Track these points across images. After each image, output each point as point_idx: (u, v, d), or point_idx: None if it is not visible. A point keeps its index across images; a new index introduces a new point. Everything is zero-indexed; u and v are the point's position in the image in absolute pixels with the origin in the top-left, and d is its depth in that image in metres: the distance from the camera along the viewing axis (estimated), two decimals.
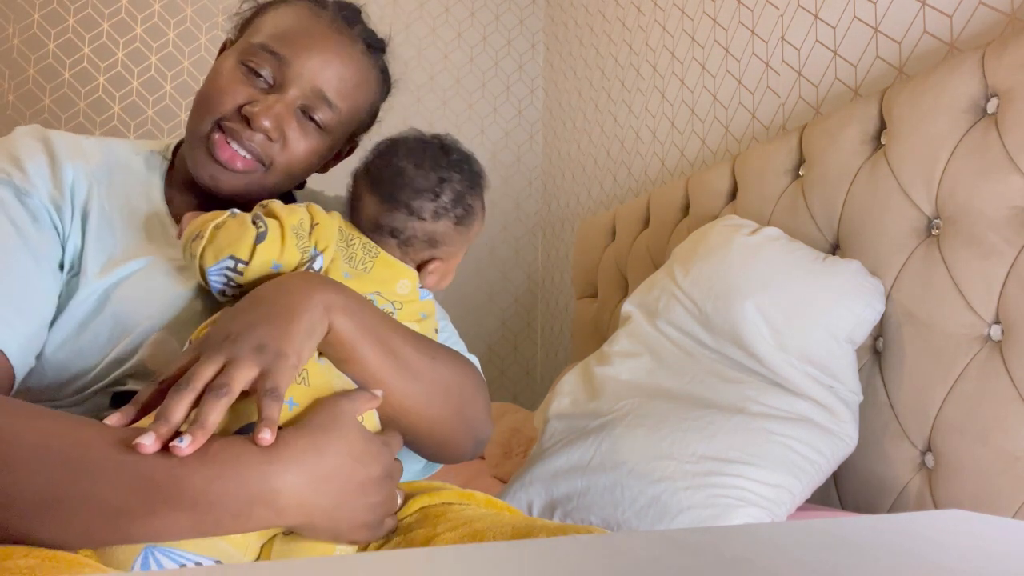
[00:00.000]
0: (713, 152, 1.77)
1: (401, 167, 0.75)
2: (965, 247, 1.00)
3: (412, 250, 0.77)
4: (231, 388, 0.56)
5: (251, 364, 0.58)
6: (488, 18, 2.82)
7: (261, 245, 0.68)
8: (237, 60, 0.79)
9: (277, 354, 0.59)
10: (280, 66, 0.77)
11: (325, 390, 0.63)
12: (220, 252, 0.68)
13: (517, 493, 1.11)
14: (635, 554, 0.30)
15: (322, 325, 0.64)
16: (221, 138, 0.76)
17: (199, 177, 0.78)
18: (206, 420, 0.54)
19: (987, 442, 0.95)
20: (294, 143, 0.79)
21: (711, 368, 1.14)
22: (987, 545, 0.34)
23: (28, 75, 2.34)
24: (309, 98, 0.79)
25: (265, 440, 0.54)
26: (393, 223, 0.75)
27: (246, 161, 0.77)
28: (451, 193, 0.76)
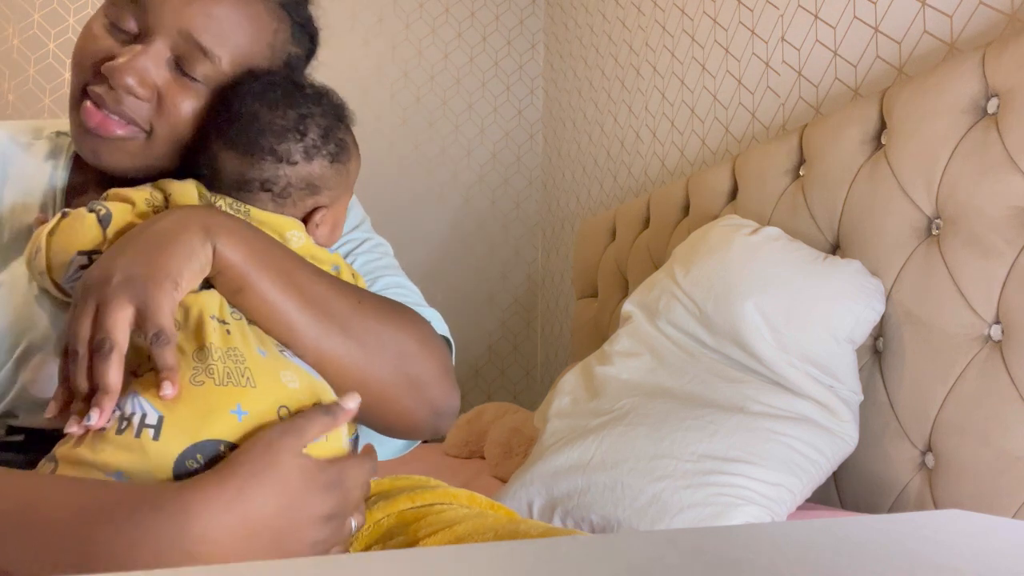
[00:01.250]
0: (713, 152, 1.77)
1: (254, 111, 0.65)
2: (965, 247, 1.00)
3: (290, 202, 0.67)
4: (112, 340, 0.50)
5: (123, 301, 0.51)
6: (488, 18, 2.82)
7: (112, 224, 0.60)
8: (100, 14, 0.67)
9: (148, 282, 0.52)
10: (140, 13, 0.65)
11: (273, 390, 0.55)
12: (65, 255, 0.60)
13: (517, 492, 1.11)
14: (635, 554, 0.30)
15: (204, 248, 0.56)
16: (89, 105, 0.65)
17: (82, 155, 0.67)
18: (107, 384, 0.50)
19: (987, 442, 0.95)
20: (172, 101, 0.65)
21: (711, 368, 1.14)
22: (987, 545, 0.34)
23: (28, 75, 2.34)
24: (179, 46, 0.65)
25: (167, 394, 0.50)
26: (262, 174, 0.65)
27: (123, 127, 0.65)
28: (317, 129, 0.67)
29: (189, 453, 0.51)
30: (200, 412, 0.52)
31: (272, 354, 0.58)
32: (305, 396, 0.56)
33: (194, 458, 0.51)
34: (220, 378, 0.54)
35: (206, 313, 0.57)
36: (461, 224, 2.70)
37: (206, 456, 0.51)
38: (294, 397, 0.56)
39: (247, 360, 0.55)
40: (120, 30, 0.66)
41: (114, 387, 0.50)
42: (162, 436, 0.51)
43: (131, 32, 0.66)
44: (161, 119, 0.66)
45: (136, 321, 0.52)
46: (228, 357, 0.55)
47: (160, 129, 0.66)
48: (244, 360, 0.55)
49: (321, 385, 0.59)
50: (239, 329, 0.58)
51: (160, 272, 0.53)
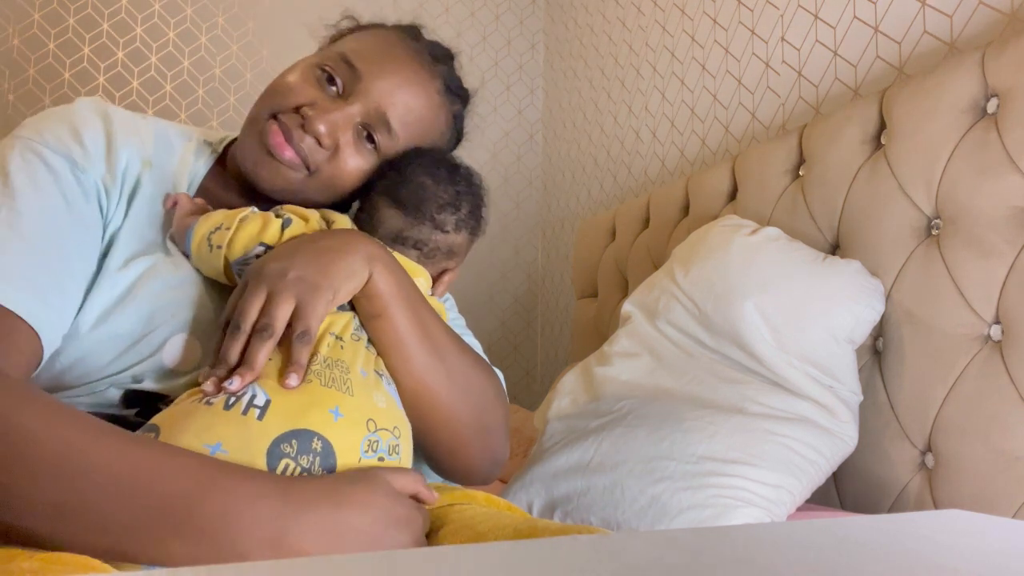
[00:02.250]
0: (713, 152, 1.77)
1: (422, 182, 0.77)
2: (965, 247, 1.00)
3: (431, 262, 0.78)
4: (274, 329, 0.59)
5: (289, 296, 0.60)
6: (488, 18, 2.82)
7: (288, 229, 0.70)
8: (314, 62, 0.77)
9: (313, 287, 0.61)
10: (352, 79, 0.76)
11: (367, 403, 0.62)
12: (250, 241, 0.69)
13: (517, 493, 1.11)
14: (635, 554, 0.30)
15: (363, 272, 0.65)
16: (275, 126, 0.74)
17: (243, 163, 0.76)
18: (254, 362, 0.58)
19: (987, 442, 0.95)
20: (345, 157, 0.76)
21: (711, 368, 1.14)
22: (987, 545, 0.34)
23: (28, 75, 2.34)
24: (371, 117, 0.76)
25: (290, 384, 0.57)
26: (418, 235, 0.76)
27: (293, 155, 0.74)
28: (468, 206, 0.79)
29: (286, 438, 0.56)
30: (304, 404, 0.58)
31: (372, 377, 0.65)
32: (390, 418, 0.64)
33: (289, 443, 0.56)
34: (325, 381, 0.60)
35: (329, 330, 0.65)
36: None
37: (300, 443, 0.56)
38: (381, 416, 0.63)
39: (350, 374, 0.63)
40: (329, 83, 0.76)
41: (260, 366, 0.58)
42: (266, 417, 0.56)
43: (337, 89, 0.76)
44: (329, 166, 0.76)
45: (292, 317, 0.60)
46: (335, 367, 0.62)
47: (323, 174, 0.76)
48: (348, 372, 0.63)
49: (401, 415, 0.67)
50: (352, 349, 0.65)
51: (325, 281, 0.62)
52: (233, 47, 2.50)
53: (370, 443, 0.60)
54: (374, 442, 0.61)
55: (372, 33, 0.81)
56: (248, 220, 0.70)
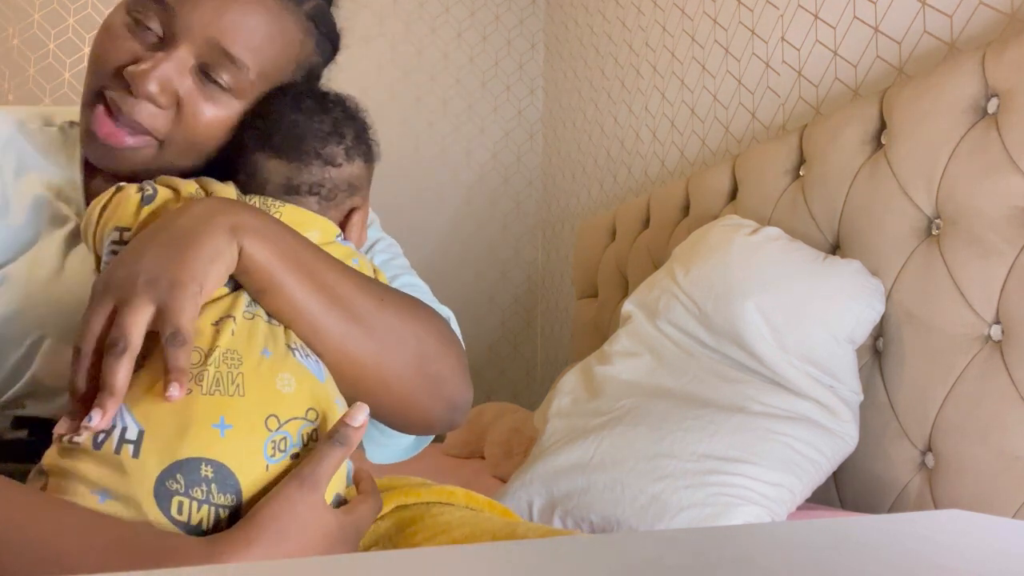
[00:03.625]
0: (713, 152, 1.77)
1: (293, 120, 0.67)
2: (965, 247, 1.00)
3: (335, 204, 0.69)
4: (127, 339, 0.48)
5: (144, 302, 0.50)
6: (488, 18, 2.82)
7: (149, 206, 0.60)
8: (124, 11, 0.64)
9: (172, 284, 0.50)
10: (168, 16, 0.63)
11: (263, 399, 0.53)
12: (105, 227, 0.59)
13: (517, 492, 1.11)
14: (635, 554, 0.30)
15: (230, 249, 0.54)
16: (100, 111, 0.63)
17: (90, 158, 0.66)
18: (112, 384, 0.48)
19: (987, 442, 0.95)
20: (192, 109, 0.64)
21: (711, 368, 1.14)
22: (987, 545, 0.34)
23: (28, 75, 2.34)
24: (205, 54, 0.63)
25: (173, 396, 0.47)
26: (311, 178, 0.67)
27: (135, 137, 0.64)
28: (351, 131, 0.69)
29: (169, 472, 0.48)
30: (179, 427, 0.49)
31: (278, 354, 0.56)
32: (300, 401, 0.54)
33: (174, 478, 0.48)
34: (208, 386, 0.51)
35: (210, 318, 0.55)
36: (461, 224, 2.70)
37: (186, 476, 0.48)
38: (286, 403, 0.53)
39: (244, 364, 0.53)
40: (144, 28, 0.63)
41: (120, 389, 0.48)
42: (142, 453, 0.48)
43: (155, 33, 0.63)
44: (179, 127, 0.65)
45: (154, 321, 0.50)
46: (223, 360, 0.53)
47: (176, 136, 0.65)
48: (240, 364, 0.53)
49: (322, 388, 0.57)
50: (246, 328, 0.56)
51: (185, 273, 0.51)
52: None
53: (275, 444, 0.52)
54: (280, 440, 0.52)
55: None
56: (108, 205, 0.61)
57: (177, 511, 0.48)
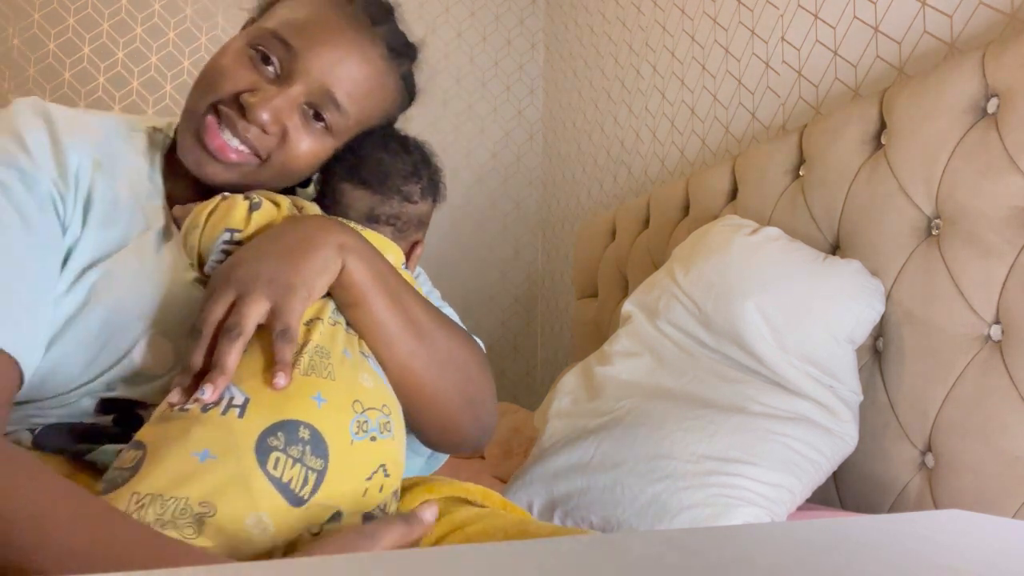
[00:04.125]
0: (713, 152, 1.77)
1: (379, 157, 0.76)
2: (965, 247, 1.00)
3: (403, 236, 0.78)
4: (243, 327, 0.56)
5: (261, 298, 0.58)
6: (488, 18, 2.82)
7: (257, 212, 0.68)
8: (246, 42, 0.72)
9: (288, 287, 0.59)
10: (289, 57, 0.71)
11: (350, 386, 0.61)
12: (214, 231, 0.67)
13: (517, 493, 1.11)
14: (635, 554, 0.30)
15: (335, 264, 0.63)
16: (213, 122, 0.70)
17: (185, 161, 0.72)
18: (224, 364, 0.55)
19: (987, 442, 0.95)
20: (295, 141, 0.72)
21: (711, 368, 1.14)
22: (987, 545, 0.34)
23: (28, 75, 2.34)
24: (315, 96, 0.72)
25: (279, 384, 0.55)
26: (390, 210, 0.76)
27: (239, 153, 0.71)
28: (427, 173, 0.79)
29: (271, 431, 0.55)
30: (283, 395, 0.56)
31: (356, 358, 0.64)
32: (377, 396, 0.63)
33: (275, 436, 0.54)
34: (304, 368, 0.59)
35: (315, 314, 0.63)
36: (461, 224, 2.70)
37: (287, 435, 0.55)
38: (367, 395, 0.61)
39: (331, 358, 0.61)
40: (265, 62, 0.71)
41: (231, 369, 0.55)
42: (247, 415, 0.55)
43: (274, 68, 0.71)
44: (280, 152, 0.72)
45: (268, 318, 0.58)
46: (315, 352, 0.60)
47: (275, 159, 0.73)
48: (328, 357, 0.61)
49: (389, 393, 0.66)
50: (330, 332, 0.63)
51: (298, 279, 0.60)
52: None
53: (359, 424, 0.59)
54: (363, 423, 0.60)
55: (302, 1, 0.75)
56: (215, 211, 0.68)
57: (273, 466, 0.54)
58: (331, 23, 0.73)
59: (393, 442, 0.62)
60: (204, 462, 0.53)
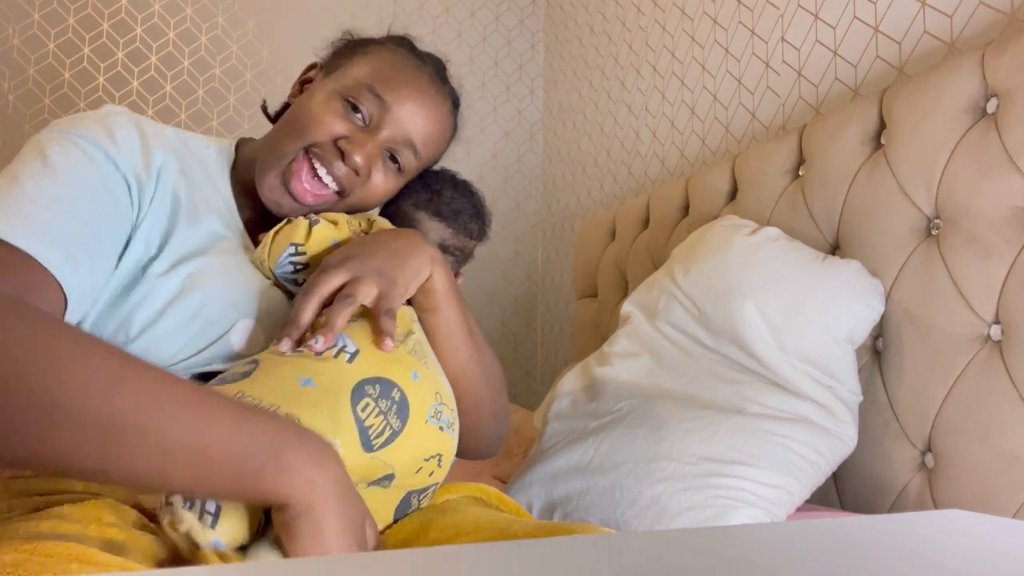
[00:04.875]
0: (713, 152, 1.77)
1: (452, 196, 0.89)
2: (965, 247, 1.00)
3: (456, 265, 0.90)
4: (355, 298, 0.66)
5: (372, 283, 0.68)
6: (488, 18, 2.82)
7: (316, 227, 0.77)
8: (338, 93, 0.82)
9: (392, 281, 0.70)
10: (380, 109, 0.81)
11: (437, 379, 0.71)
12: (280, 247, 0.76)
13: (517, 494, 1.11)
14: (635, 554, 0.30)
15: (426, 271, 0.74)
16: (301, 166, 0.79)
17: (264, 197, 0.80)
18: (334, 322, 0.64)
19: (987, 442, 0.95)
20: (376, 181, 0.83)
21: (711, 368, 1.14)
22: (987, 545, 0.34)
23: (28, 75, 2.34)
24: (398, 143, 0.83)
25: (387, 347, 0.65)
26: (457, 243, 0.88)
27: (318, 197, 0.80)
28: (484, 216, 0.92)
29: (370, 381, 0.63)
30: (389, 359, 0.65)
31: (437, 363, 0.74)
32: (449, 397, 0.72)
33: (373, 386, 0.63)
34: (410, 349, 0.69)
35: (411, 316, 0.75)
36: None
37: (382, 389, 0.63)
38: (445, 392, 0.71)
39: (427, 355, 0.72)
40: (356, 111, 0.81)
41: (339, 327, 0.64)
42: (355, 362, 0.63)
43: (364, 117, 0.81)
44: (361, 189, 0.83)
45: (375, 301, 0.68)
46: (417, 343, 0.71)
47: (355, 195, 0.83)
48: (426, 353, 0.72)
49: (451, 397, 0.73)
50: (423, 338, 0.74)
51: (402, 277, 0.71)
52: (233, 47, 2.50)
53: (436, 411, 0.67)
54: (438, 412, 0.68)
55: (385, 55, 0.86)
56: (281, 231, 0.77)
57: (362, 409, 0.61)
58: (416, 81, 0.85)
59: (452, 439, 0.70)
60: (304, 387, 0.60)
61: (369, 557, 0.32)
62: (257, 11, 2.53)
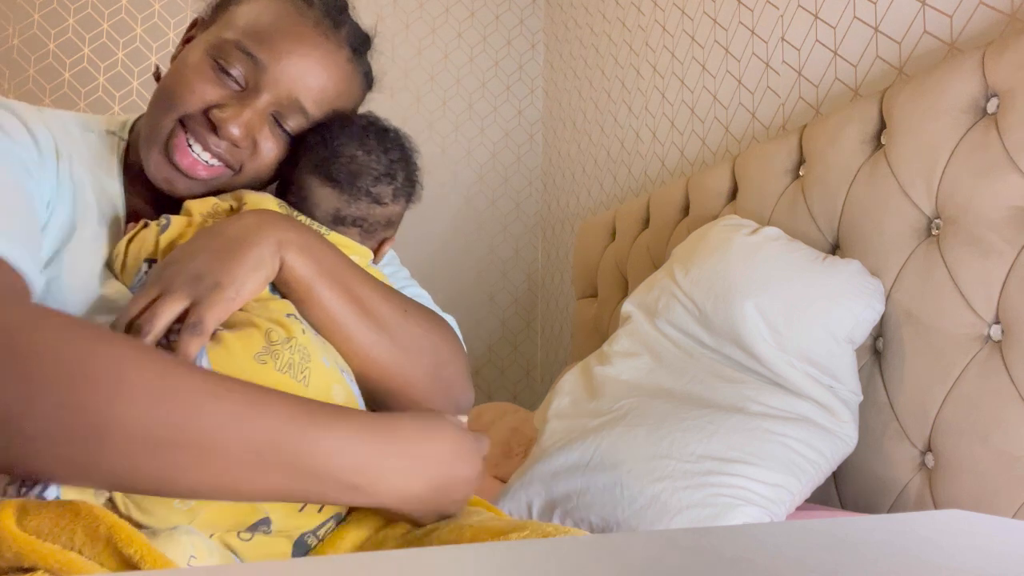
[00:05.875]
0: (713, 152, 1.77)
1: (352, 154, 0.72)
2: (965, 247, 1.00)
3: (372, 235, 0.75)
4: (153, 325, 0.55)
5: (182, 295, 0.57)
6: (488, 18, 2.82)
7: (165, 235, 0.66)
8: (207, 53, 0.71)
9: (214, 285, 0.58)
10: (255, 69, 0.70)
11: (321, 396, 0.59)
12: (135, 263, 0.66)
13: (517, 493, 1.11)
14: (635, 554, 0.30)
15: (273, 260, 0.62)
16: (182, 140, 0.70)
17: (153, 178, 0.71)
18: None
19: (987, 442, 0.95)
20: (265, 151, 0.72)
21: (711, 368, 1.14)
22: (987, 545, 0.34)
23: (28, 75, 2.34)
24: (283, 106, 0.72)
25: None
26: (357, 212, 0.73)
27: (211, 168, 0.71)
28: (403, 172, 0.75)
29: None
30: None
31: (333, 368, 0.63)
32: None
33: None
34: (281, 366, 0.57)
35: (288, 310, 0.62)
36: (461, 224, 2.70)
37: None
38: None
39: (311, 362, 0.60)
40: (227, 74, 0.70)
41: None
42: None
43: (237, 80, 0.70)
44: (251, 161, 0.73)
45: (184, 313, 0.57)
46: (296, 351, 0.59)
47: (248, 169, 0.73)
48: (309, 360, 0.60)
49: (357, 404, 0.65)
50: (313, 336, 0.63)
51: (227, 277, 0.59)
52: None
53: None
54: None
55: (258, 3, 0.73)
56: (135, 239, 0.68)
57: None
58: (295, 30, 0.72)
59: None
60: None
61: (369, 557, 0.32)
62: None
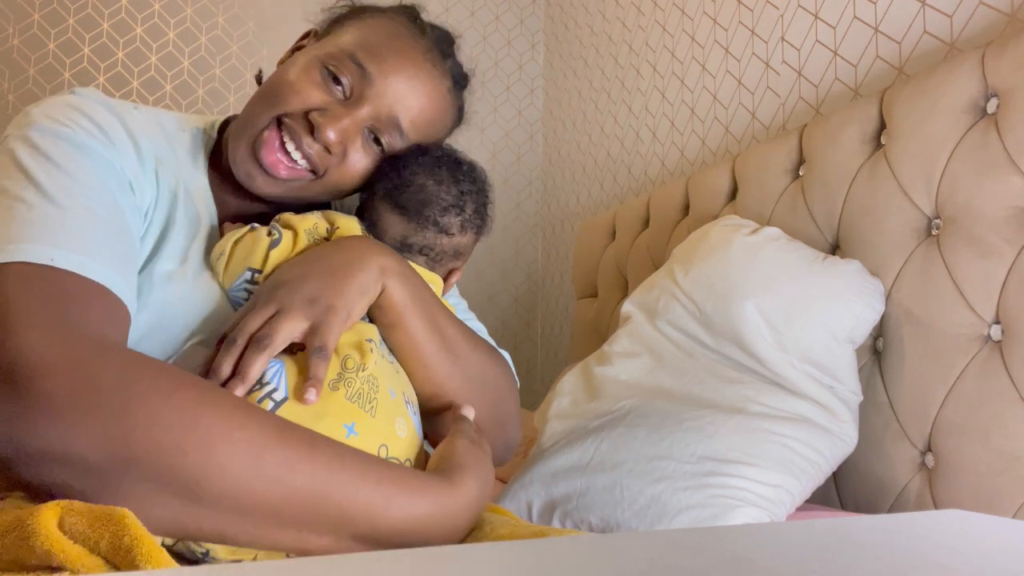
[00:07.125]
0: (713, 152, 1.77)
1: (422, 184, 0.74)
2: (965, 247, 1.00)
3: (438, 265, 0.77)
4: (273, 340, 0.57)
5: (300, 316, 0.59)
6: (488, 18, 2.82)
7: (274, 250, 0.68)
8: (318, 60, 0.73)
9: (328, 308, 0.60)
10: (363, 81, 0.72)
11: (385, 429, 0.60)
12: (238, 267, 0.68)
13: (517, 493, 1.11)
14: (635, 554, 0.30)
15: (375, 287, 0.65)
16: (272, 137, 0.70)
17: (235, 169, 0.72)
18: (246, 373, 0.55)
19: (987, 442, 0.95)
20: (353, 161, 0.73)
21: (711, 368, 1.14)
22: (987, 545, 0.34)
23: (28, 75, 2.34)
24: (381, 121, 0.73)
25: (309, 399, 0.55)
26: (423, 241, 0.74)
27: (291, 169, 0.71)
28: (472, 205, 0.77)
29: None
30: (319, 411, 0.56)
31: (399, 399, 0.63)
32: (406, 448, 0.62)
33: None
34: (351, 394, 0.58)
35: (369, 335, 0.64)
36: None
37: None
38: (396, 443, 0.60)
39: (379, 392, 0.61)
40: (337, 82, 0.72)
41: (252, 379, 0.55)
42: (279, 412, 0.55)
43: (344, 89, 0.72)
44: (337, 169, 0.73)
45: (305, 336, 0.59)
46: (367, 381, 0.60)
47: (331, 176, 0.73)
48: (376, 391, 0.60)
49: (417, 445, 0.65)
50: (384, 366, 0.64)
51: (340, 301, 0.61)
52: (233, 47, 2.50)
53: None
54: None
55: (378, 23, 0.76)
56: (240, 243, 0.69)
57: None
58: (407, 52, 0.74)
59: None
60: None
61: (369, 557, 0.32)
62: (257, 11, 2.53)
